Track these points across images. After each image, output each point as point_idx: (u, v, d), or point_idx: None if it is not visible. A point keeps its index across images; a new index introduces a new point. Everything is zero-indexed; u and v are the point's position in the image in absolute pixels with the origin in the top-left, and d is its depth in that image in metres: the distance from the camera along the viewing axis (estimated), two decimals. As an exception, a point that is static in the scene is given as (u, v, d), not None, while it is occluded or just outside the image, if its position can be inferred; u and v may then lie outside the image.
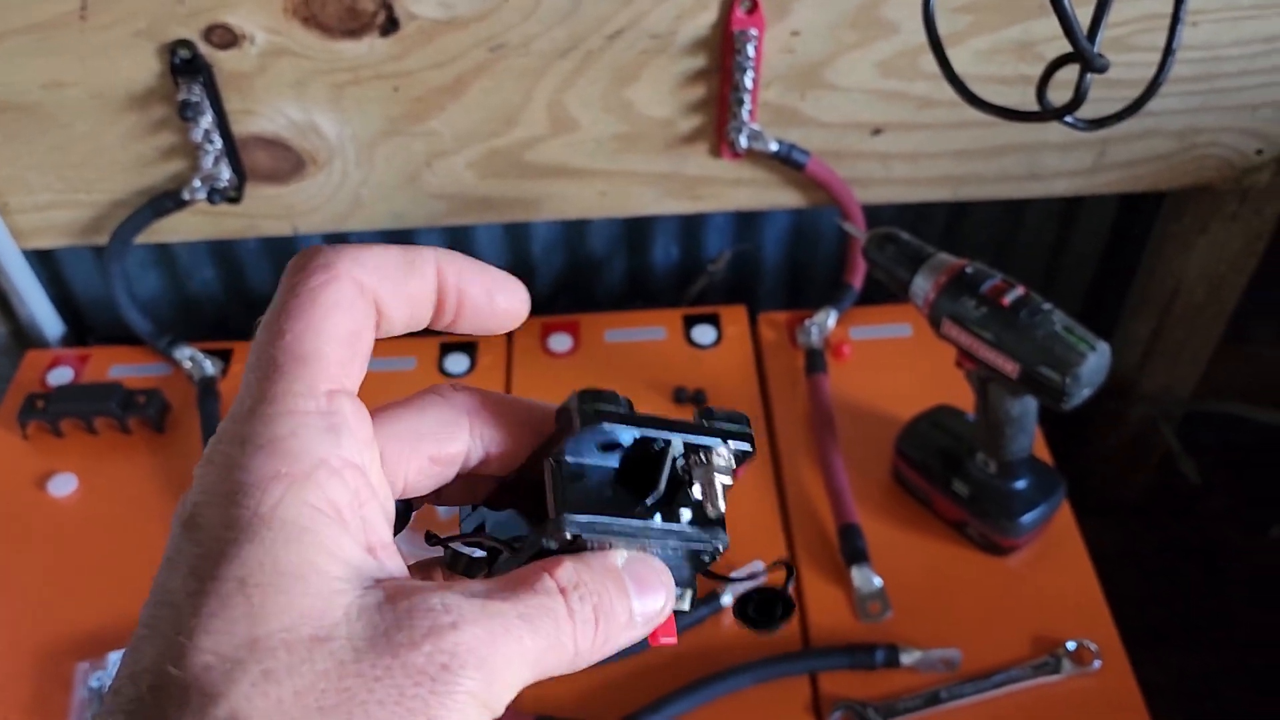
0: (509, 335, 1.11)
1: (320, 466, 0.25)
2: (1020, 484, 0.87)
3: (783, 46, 0.97)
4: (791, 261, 1.29)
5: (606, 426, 0.30)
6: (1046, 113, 0.71)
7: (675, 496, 0.31)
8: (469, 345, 1.09)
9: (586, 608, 0.26)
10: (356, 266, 0.27)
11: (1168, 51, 0.70)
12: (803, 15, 0.95)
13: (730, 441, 0.31)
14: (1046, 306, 0.78)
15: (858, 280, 1.10)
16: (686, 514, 0.31)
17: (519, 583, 0.26)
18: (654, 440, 0.30)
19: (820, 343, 1.06)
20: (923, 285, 0.82)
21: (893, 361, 1.06)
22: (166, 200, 1.00)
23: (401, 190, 1.05)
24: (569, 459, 0.30)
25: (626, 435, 0.30)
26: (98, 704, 0.80)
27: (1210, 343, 1.30)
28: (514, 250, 1.26)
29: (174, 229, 1.06)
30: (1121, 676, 0.82)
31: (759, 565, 0.87)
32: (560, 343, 1.09)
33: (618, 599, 0.27)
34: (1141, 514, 1.47)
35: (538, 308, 1.17)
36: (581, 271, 1.29)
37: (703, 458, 0.30)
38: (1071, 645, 0.83)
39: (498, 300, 0.30)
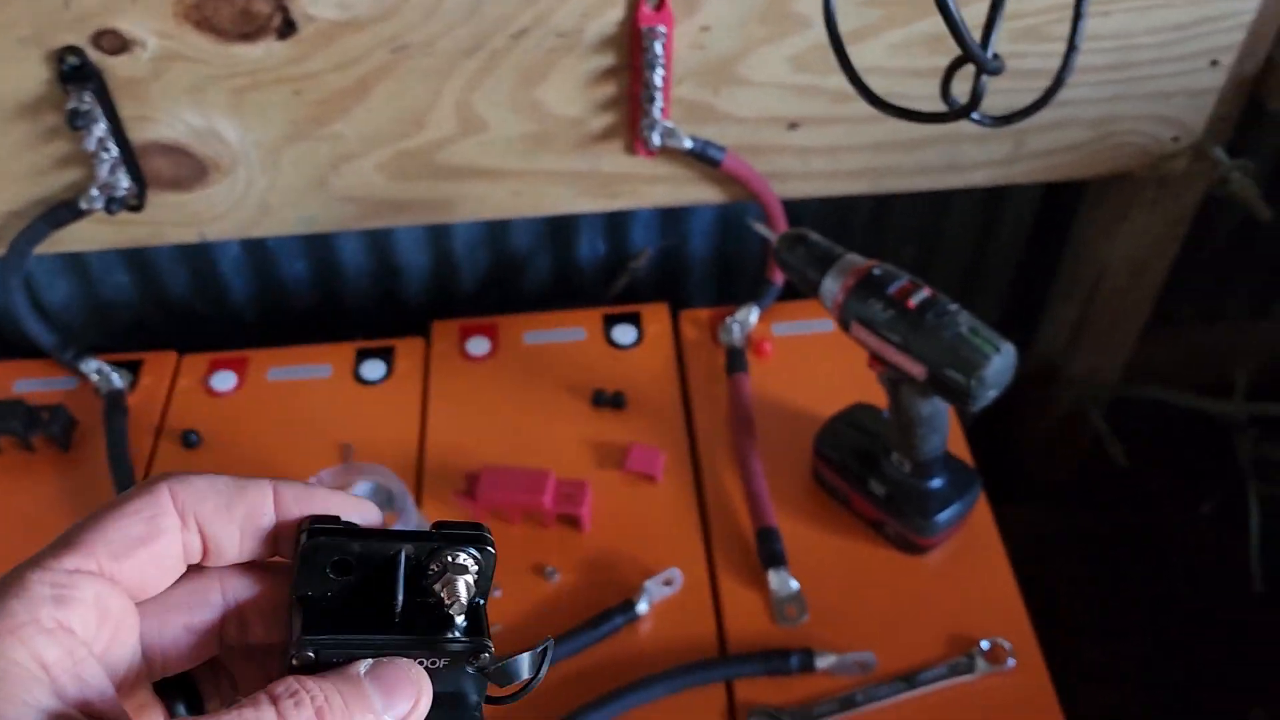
0: (426, 339, 1.09)
1: (30, 624, 0.27)
2: (935, 483, 0.87)
3: (693, 42, 0.95)
4: (719, 255, 1.28)
5: (326, 546, 0.31)
6: (949, 113, 0.70)
7: (435, 608, 0.32)
8: (385, 351, 1.07)
9: (304, 712, 0.27)
10: (180, 485, 0.30)
11: (1071, 46, 0.69)
12: (712, 10, 0.93)
13: (469, 547, 0.33)
14: (953, 308, 0.77)
15: (779, 276, 1.09)
16: (460, 621, 0.32)
17: (241, 703, 0.27)
18: (385, 554, 0.32)
19: (742, 341, 1.05)
20: (831, 287, 0.81)
21: (814, 358, 1.05)
22: (63, 211, 0.97)
23: (310, 195, 1.02)
24: (305, 590, 0.31)
25: (355, 552, 0.32)
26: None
27: (1136, 326, 1.31)
28: (436, 249, 1.24)
29: (77, 238, 1.02)
30: (1035, 674, 0.82)
31: (675, 573, 0.87)
32: (478, 346, 1.07)
33: (354, 703, 0.28)
34: (1073, 498, 1.48)
35: (462, 308, 1.15)
36: (506, 269, 1.27)
37: (445, 564, 0.32)
38: (985, 644, 0.83)
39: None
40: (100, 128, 0.91)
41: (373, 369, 1.05)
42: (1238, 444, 1.27)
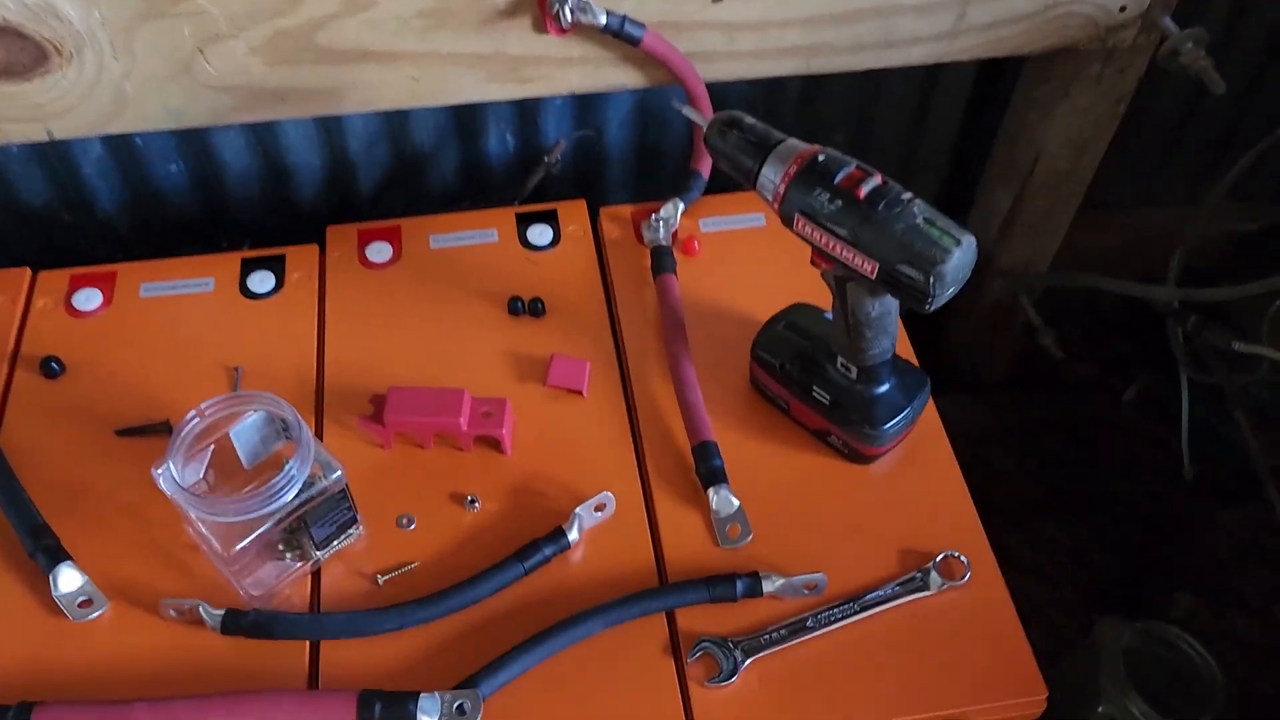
0: (321, 246, 0.98)
1: None
2: (883, 388, 0.81)
3: (607, -100, 0.84)
4: (640, 147, 1.18)
5: None
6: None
7: None
8: (275, 261, 0.96)
9: None
10: None
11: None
12: None
13: None
14: (906, 196, 0.70)
15: (706, 167, 1.00)
16: None
17: None
18: None
19: (667, 239, 0.96)
20: (771, 177, 0.73)
21: (747, 255, 0.97)
22: (-126, 107, 0.82)
23: (175, 83, 0.89)
24: None
25: None
26: None
27: (1071, 211, 1.26)
28: (329, 147, 1.12)
29: (-103, 140, 0.88)
30: (993, 588, 0.78)
31: (608, 496, 0.80)
32: (379, 252, 0.96)
33: None
34: (1006, 389, 1.45)
35: (361, 211, 1.03)
36: (408, 168, 1.16)
37: None
38: (940, 558, 0.78)
39: None
40: (-93, 5, 0.77)
41: (261, 281, 0.94)
42: (1170, 331, 1.24)
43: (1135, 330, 1.39)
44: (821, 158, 0.71)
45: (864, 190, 0.69)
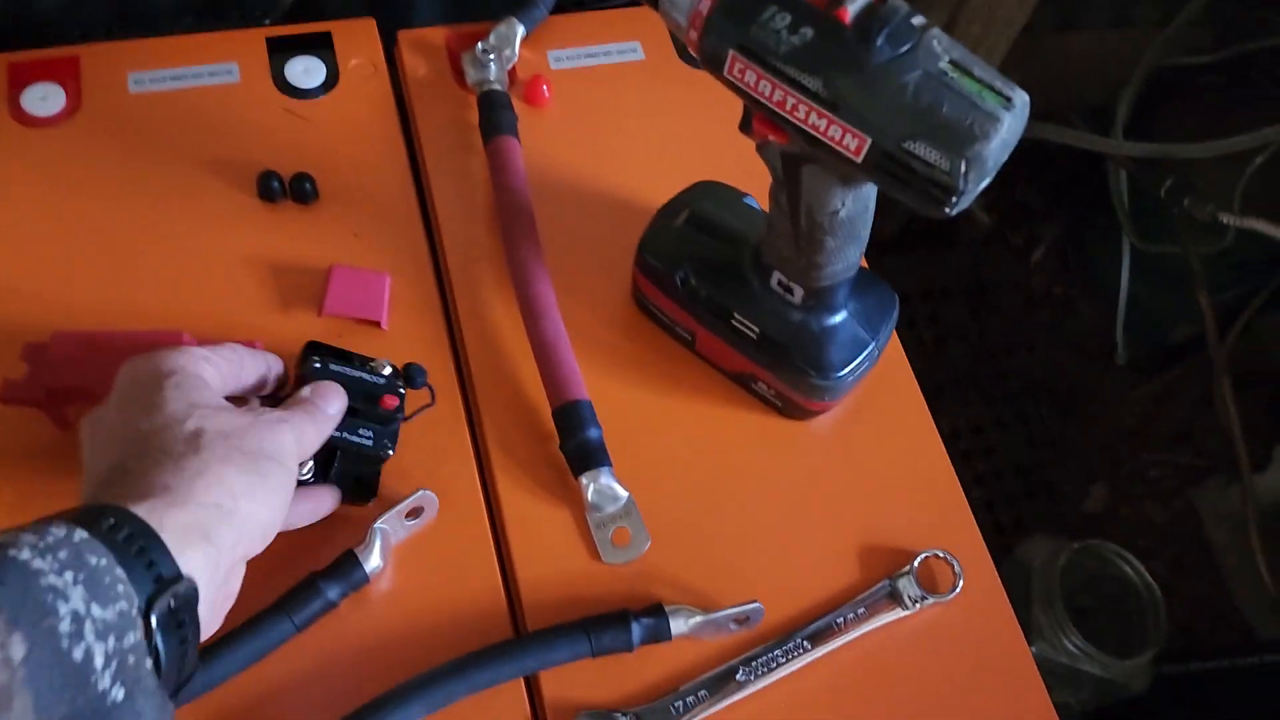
0: (-61, 88, 0.61)
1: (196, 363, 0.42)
2: (838, 317, 0.54)
3: None
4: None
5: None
6: None
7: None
8: None
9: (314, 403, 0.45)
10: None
11: None
12: None
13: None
14: (918, 21, 0.41)
15: (557, -30, 0.68)
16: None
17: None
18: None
19: (502, 80, 0.65)
20: (687, -15, 0.43)
21: (620, 104, 0.67)
22: None
23: None
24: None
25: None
26: None
27: (1007, 40, 1.01)
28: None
29: None
30: (991, 594, 0.55)
31: (426, 496, 0.51)
32: (45, 99, 0.61)
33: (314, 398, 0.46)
34: (897, 251, 1.23)
35: (22, 24, 0.64)
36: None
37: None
38: (920, 557, 0.54)
39: None
40: None
41: None
42: (1113, 188, 1.03)
43: (1046, 174, 1.18)
44: (775, -51, 0.42)
45: (850, 10, 0.41)
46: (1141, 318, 1.11)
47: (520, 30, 0.66)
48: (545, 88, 0.66)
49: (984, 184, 0.42)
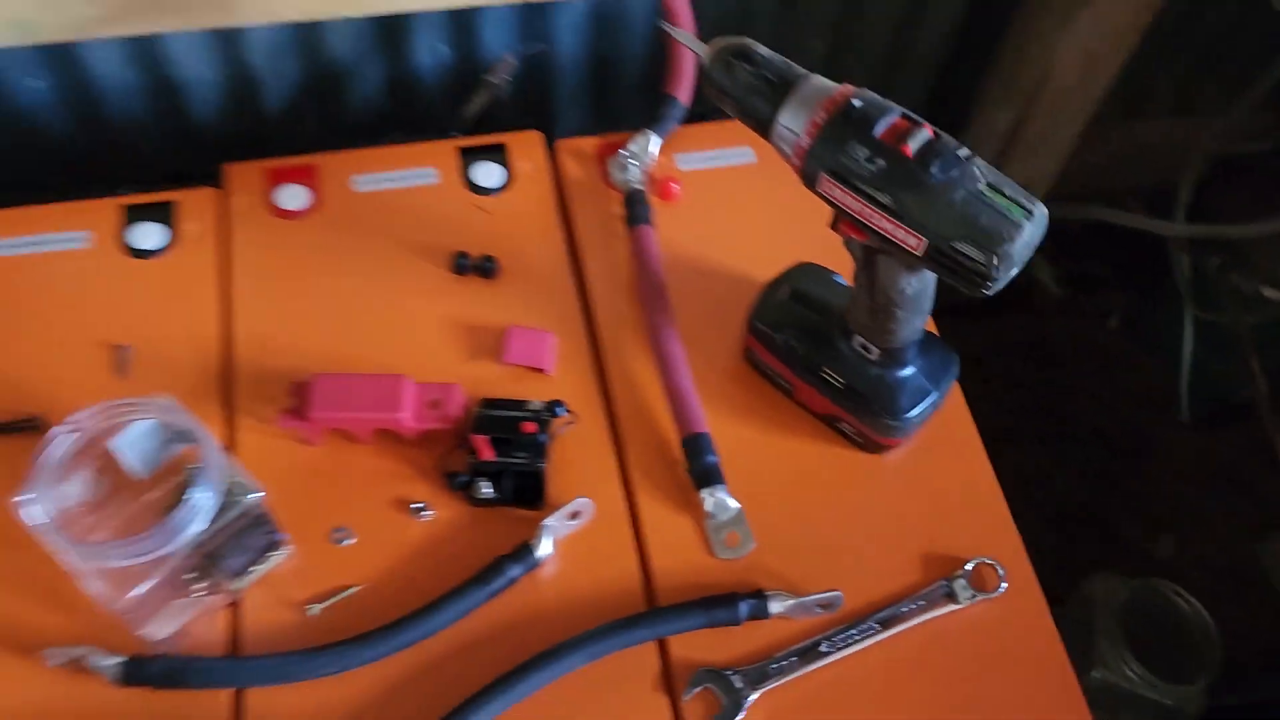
0: (223, 190, 0.81)
1: None
2: (907, 371, 0.69)
3: None
4: (595, 60, 1.02)
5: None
6: None
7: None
8: (162, 208, 0.79)
9: None
10: None
11: None
12: None
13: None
14: (964, 154, 0.57)
15: (684, 90, 0.85)
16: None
17: None
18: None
19: (641, 180, 0.82)
20: (792, 126, 0.59)
21: (738, 199, 0.83)
22: None
23: (22, -14, 0.70)
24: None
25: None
26: None
27: (1075, 132, 1.14)
28: (227, 61, 0.94)
29: None
30: (1029, 597, 0.68)
31: (584, 502, 0.67)
32: (293, 197, 0.80)
33: None
34: (975, 311, 1.36)
35: (265, 143, 0.85)
36: (323, 84, 0.98)
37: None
38: (970, 565, 0.68)
39: None
40: None
41: (147, 234, 0.77)
42: (1175, 265, 1.15)
43: (1108, 246, 1.29)
44: (857, 102, 0.57)
45: (912, 146, 0.56)
46: (1204, 380, 1.22)
47: (654, 139, 0.83)
48: (675, 185, 0.83)
49: (1013, 273, 0.57)
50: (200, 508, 0.56)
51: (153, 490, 0.61)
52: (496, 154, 0.84)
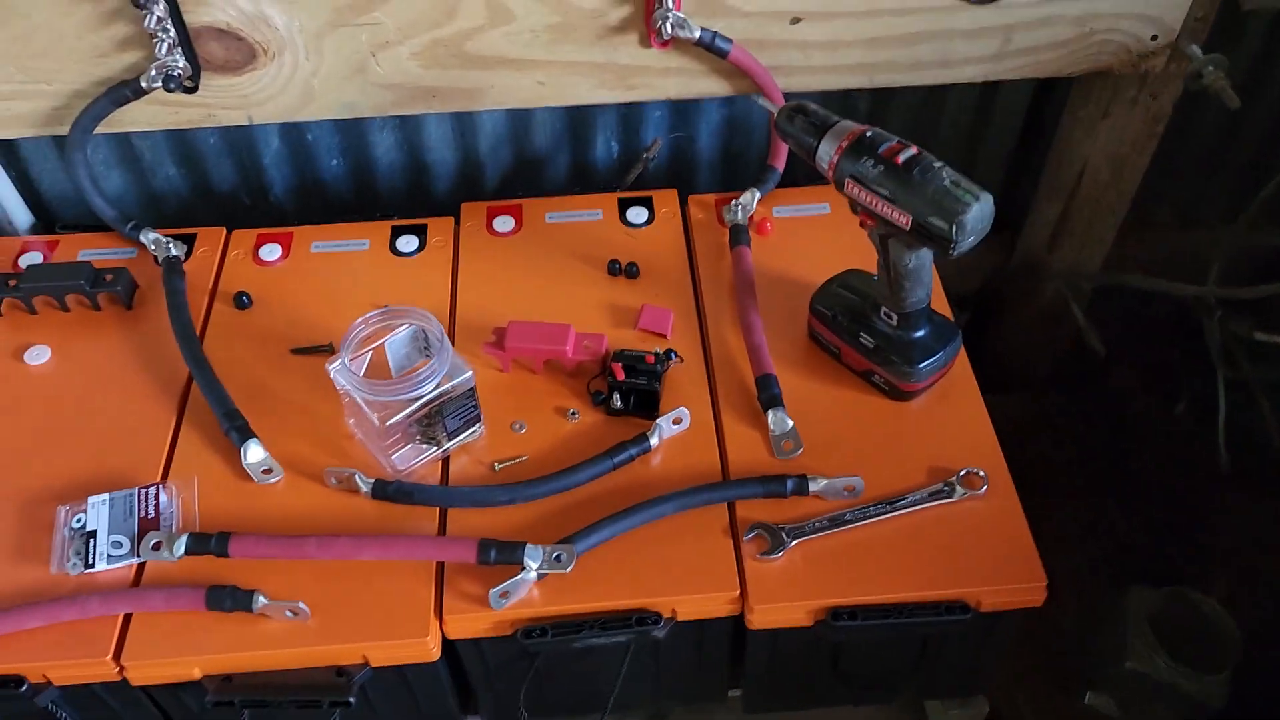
0: (456, 217, 1.18)
1: None
2: (920, 333, 0.96)
3: (704, -65, 1.03)
4: (725, 152, 1.36)
5: None
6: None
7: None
8: (418, 228, 1.16)
9: None
10: None
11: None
12: (722, -95, 1.01)
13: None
14: (937, 164, 0.86)
15: (780, 163, 1.18)
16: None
17: None
18: None
19: (744, 219, 1.14)
20: (827, 150, 0.90)
21: (811, 236, 1.14)
22: (124, 89, 1.06)
23: (351, 81, 1.11)
24: None
25: None
26: (79, 542, 0.88)
27: (1114, 221, 1.39)
28: (461, 145, 1.33)
29: (135, 119, 1.11)
30: (1007, 498, 0.92)
31: (684, 412, 0.96)
32: (504, 224, 1.16)
33: None
34: (1054, 387, 1.57)
35: (485, 199, 1.23)
36: (527, 167, 1.36)
37: None
38: (963, 472, 0.92)
39: None
40: (160, 7, 0.99)
41: (407, 243, 1.14)
42: (1206, 329, 1.36)
43: (1177, 334, 1.50)
44: (869, 134, 0.88)
45: (902, 158, 0.86)
46: (1243, 435, 1.40)
47: (757, 195, 1.16)
48: (769, 225, 1.14)
49: (971, 241, 0.85)
50: (438, 370, 0.89)
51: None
52: (645, 203, 1.19)
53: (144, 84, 1.05)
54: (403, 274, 1.12)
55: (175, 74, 1.04)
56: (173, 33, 1.02)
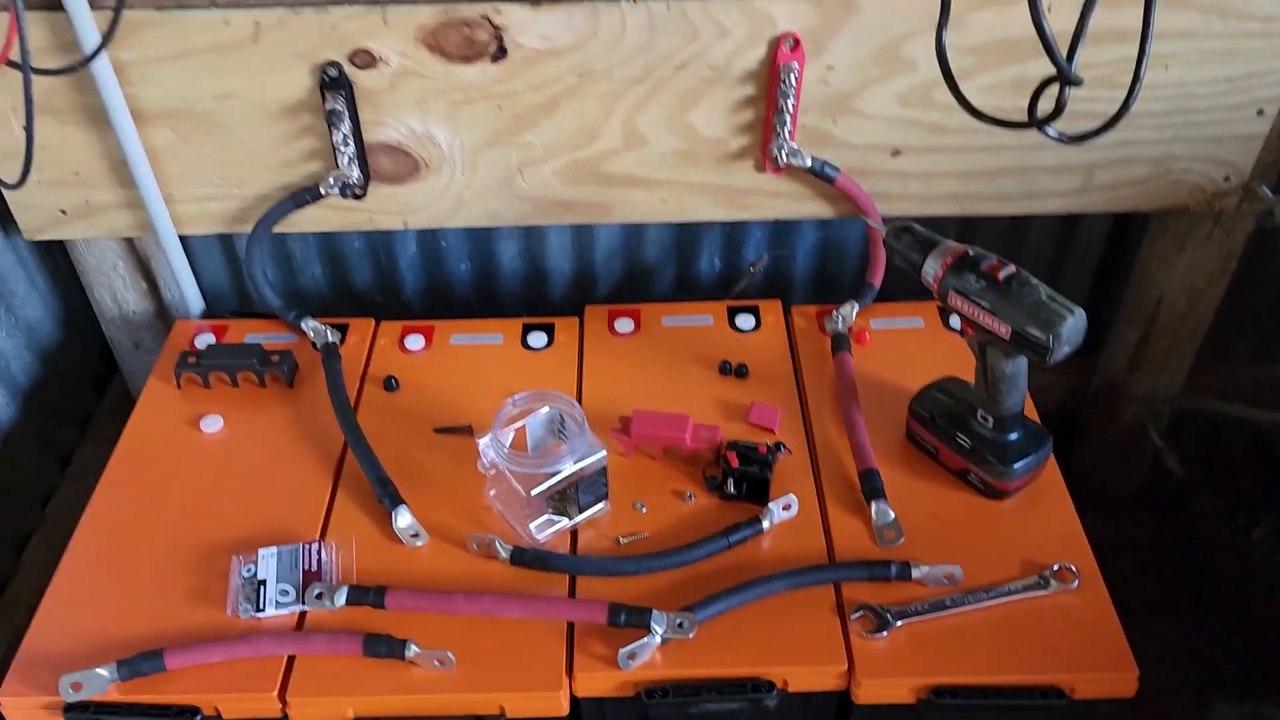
0: (580, 318, 1.30)
1: None
2: (1013, 436, 1.05)
3: (819, 79, 1.16)
4: (820, 271, 1.48)
5: None
6: (1033, 121, 0.90)
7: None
8: (547, 326, 1.28)
9: None
10: None
11: (1135, 79, 0.89)
12: (836, 53, 1.15)
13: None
14: (1034, 281, 0.96)
15: (878, 280, 1.29)
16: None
17: None
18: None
19: (844, 329, 1.24)
20: (933, 266, 1.01)
21: (907, 347, 1.24)
22: (305, 194, 1.21)
23: (497, 193, 1.25)
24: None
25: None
26: (250, 589, 0.98)
27: (1191, 350, 1.47)
28: (579, 255, 1.46)
29: (307, 220, 1.26)
30: (1098, 593, 0.98)
31: (793, 499, 1.05)
32: (624, 325, 1.28)
33: None
34: (1134, 510, 1.63)
35: (601, 304, 1.35)
36: (637, 278, 1.49)
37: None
38: (1056, 567, 0.99)
39: None
40: (345, 126, 1.15)
41: (537, 339, 1.26)
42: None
43: (1258, 463, 1.55)
44: (971, 252, 0.99)
45: (1002, 274, 0.96)
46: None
47: (856, 307, 1.27)
48: (867, 335, 1.24)
49: (1066, 350, 0.94)
50: (574, 448, 0.99)
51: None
52: (752, 311, 1.30)
53: (322, 190, 1.19)
54: (532, 366, 1.23)
55: (350, 183, 1.19)
56: (352, 147, 1.17)
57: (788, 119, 1.17)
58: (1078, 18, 0.85)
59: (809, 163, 1.20)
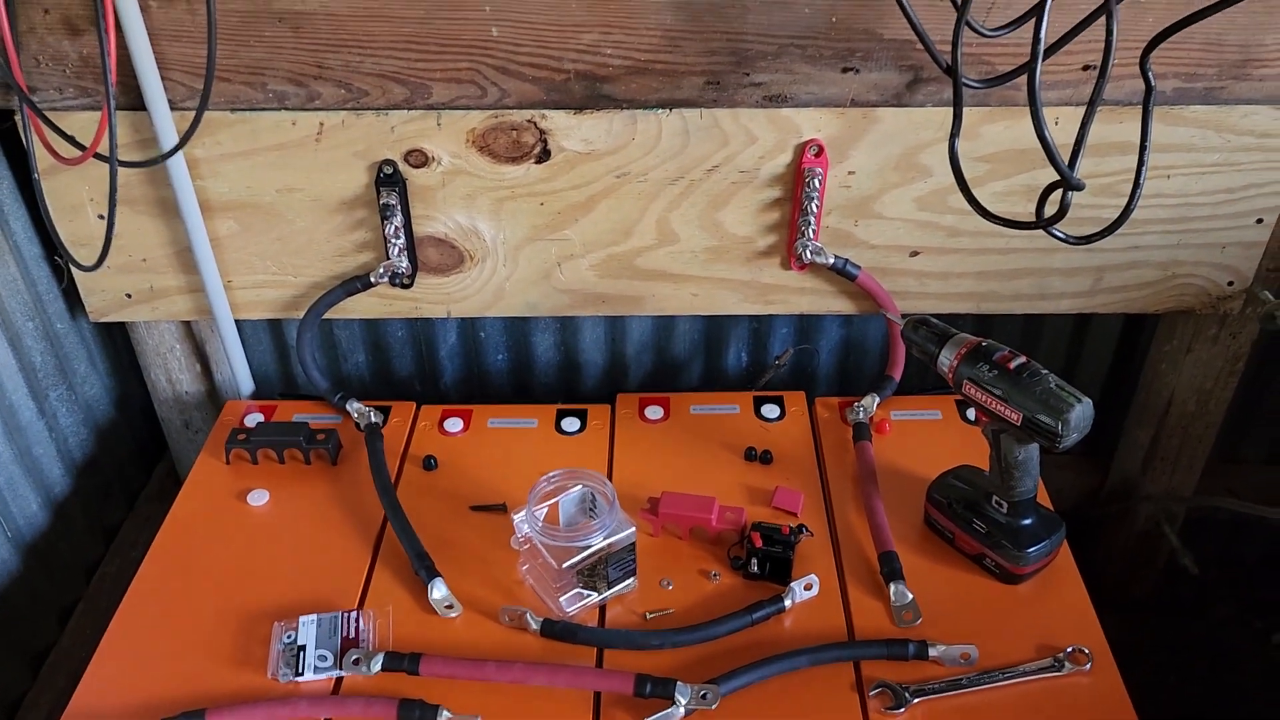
0: (612, 405, 1.36)
1: None
2: (1027, 521, 1.09)
3: (842, 183, 1.24)
4: (842, 365, 1.54)
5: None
6: (1040, 222, 0.97)
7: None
8: (580, 412, 1.34)
9: None
10: None
11: (1135, 186, 0.96)
12: (858, 159, 1.23)
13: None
14: (1044, 371, 1.02)
15: (897, 373, 1.34)
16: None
17: None
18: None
19: (865, 419, 1.30)
20: (948, 356, 1.06)
21: (925, 438, 1.29)
22: (355, 283, 1.29)
23: (536, 285, 1.32)
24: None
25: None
26: (290, 654, 1.02)
27: (1204, 450, 1.51)
28: (611, 348, 1.53)
29: (354, 308, 1.34)
30: (1110, 676, 1.01)
31: (814, 579, 1.09)
32: (654, 413, 1.33)
33: None
34: (1151, 613, 1.64)
35: (626, 391, 1.42)
36: (665, 371, 1.55)
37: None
38: (1069, 649, 1.02)
39: None
40: (398, 220, 1.23)
41: (570, 424, 1.32)
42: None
43: (1272, 565, 1.57)
44: (984, 344, 1.05)
45: (1013, 364, 1.02)
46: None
47: (877, 399, 1.32)
48: (887, 426, 1.30)
49: (1075, 437, 0.99)
50: (605, 524, 1.04)
51: (561, 549, 1.09)
52: (777, 401, 1.35)
53: (372, 279, 1.27)
54: (566, 449, 1.29)
55: (399, 272, 1.27)
56: (403, 239, 1.25)
57: (812, 220, 1.25)
58: (1078, 128, 0.92)
59: (831, 260, 1.28)
